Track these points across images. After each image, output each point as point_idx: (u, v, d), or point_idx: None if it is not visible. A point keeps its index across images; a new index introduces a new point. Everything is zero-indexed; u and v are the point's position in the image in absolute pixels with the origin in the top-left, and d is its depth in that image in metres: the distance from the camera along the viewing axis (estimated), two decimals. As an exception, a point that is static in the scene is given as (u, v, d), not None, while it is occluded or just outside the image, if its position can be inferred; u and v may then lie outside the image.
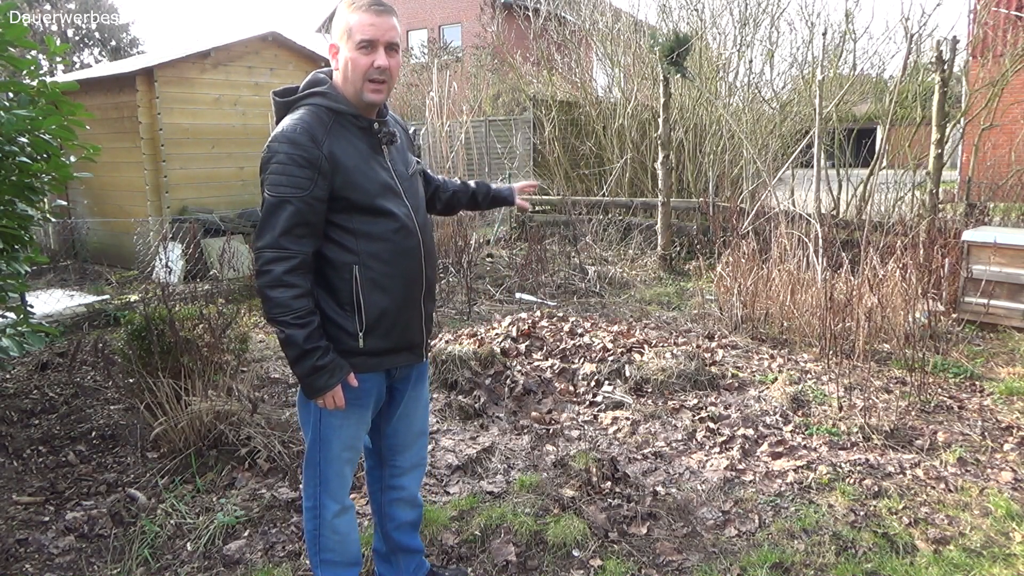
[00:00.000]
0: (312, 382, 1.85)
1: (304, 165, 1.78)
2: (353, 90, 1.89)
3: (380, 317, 1.92)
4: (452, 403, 3.91)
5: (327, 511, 2.05)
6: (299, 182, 1.78)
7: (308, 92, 1.90)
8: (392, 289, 1.93)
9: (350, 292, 1.88)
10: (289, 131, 1.80)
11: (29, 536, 2.79)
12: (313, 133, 1.81)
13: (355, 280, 1.87)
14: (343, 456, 2.03)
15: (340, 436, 2.00)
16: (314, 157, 1.79)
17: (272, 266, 1.79)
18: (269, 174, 1.80)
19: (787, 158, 8.44)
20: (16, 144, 3.07)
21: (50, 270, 7.93)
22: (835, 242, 5.60)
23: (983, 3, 8.70)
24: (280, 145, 1.79)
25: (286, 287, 1.79)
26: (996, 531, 2.74)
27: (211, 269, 7.09)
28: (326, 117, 1.86)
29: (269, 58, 8.57)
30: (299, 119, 1.83)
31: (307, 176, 1.79)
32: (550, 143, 11.42)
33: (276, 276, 1.78)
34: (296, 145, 1.78)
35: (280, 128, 1.83)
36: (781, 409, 3.87)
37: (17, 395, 4.22)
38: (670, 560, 2.61)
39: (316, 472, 2.03)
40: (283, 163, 1.78)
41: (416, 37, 25.00)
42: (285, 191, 1.78)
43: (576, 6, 12.19)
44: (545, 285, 6.96)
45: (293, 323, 1.80)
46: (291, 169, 1.78)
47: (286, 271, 1.79)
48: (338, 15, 1.89)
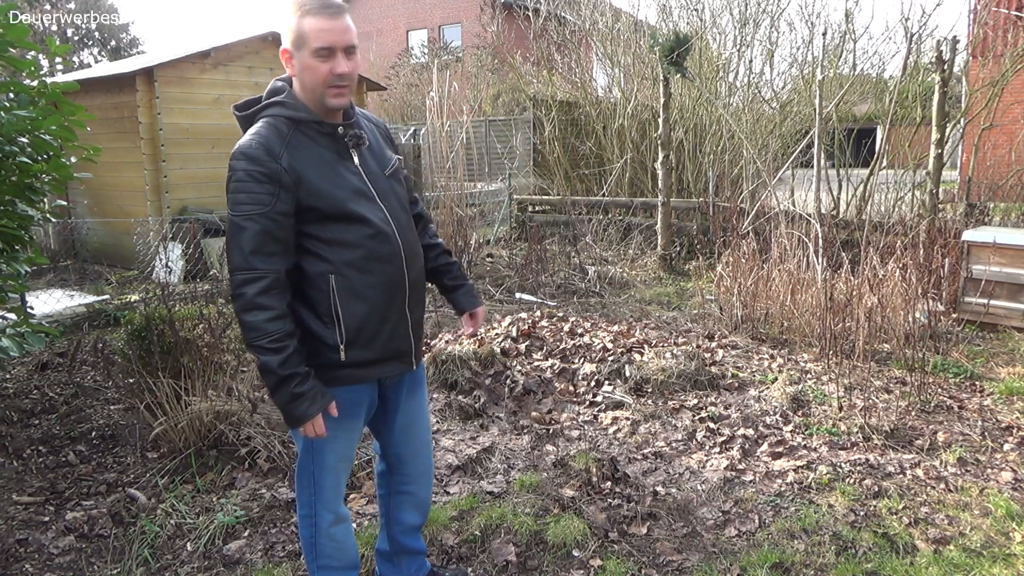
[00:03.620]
0: (291, 411, 1.77)
1: (263, 180, 1.72)
2: (314, 97, 1.82)
3: (360, 327, 1.86)
4: (452, 403, 3.91)
5: (322, 520, 2.02)
6: (260, 198, 1.72)
7: (266, 103, 1.85)
8: (371, 297, 1.86)
9: (328, 303, 1.82)
10: (245, 147, 1.75)
11: (29, 536, 2.79)
12: (269, 146, 1.75)
13: (332, 290, 1.82)
14: (338, 467, 2.01)
15: (334, 447, 1.96)
16: (272, 171, 1.73)
17: (244, 288, 1.73)
18: (231, 193, 1.75)
19: (787, 158, 8.44)
20: (16, 144, 3.07)
21: (50, 270, 7.93)
22: (835, 242, 5.60)
23: (983, 3, 8.70)
24: (237, 162, 1.74)
25: (259, 309, 1.73)
26: (996, 531, 2.74)
27: (211, 269, 7.09)
28: (285, 128, 1.80)
29: (269, 58, 8.57)
30: (255, 133, 1.78)
31: (268, 191, 1.73)
32: (550, 143, 11.42)
33: (248, 299, 1.72)
34: (253, 160, 1.73)
35: (237, 144, 1.77)
36: (781, 409, 3.87)
37: (17, 395, 4.22)
38: (670, 560, 2.61)
39: (310, 481, 1.99)
40: (242, 180, 1.73)
41: (416, 37, 25.00)
42: (247, 209, 1.72)
43: (576, 6, 12.18)
44: (545, 285, 6.96)
45: (268, 347, 1.73)
46: (250, 186, 1.72)
47: (258, 292, 1.72)
48: (286, 19, 1.78)
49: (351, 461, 2.09)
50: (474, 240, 7.58)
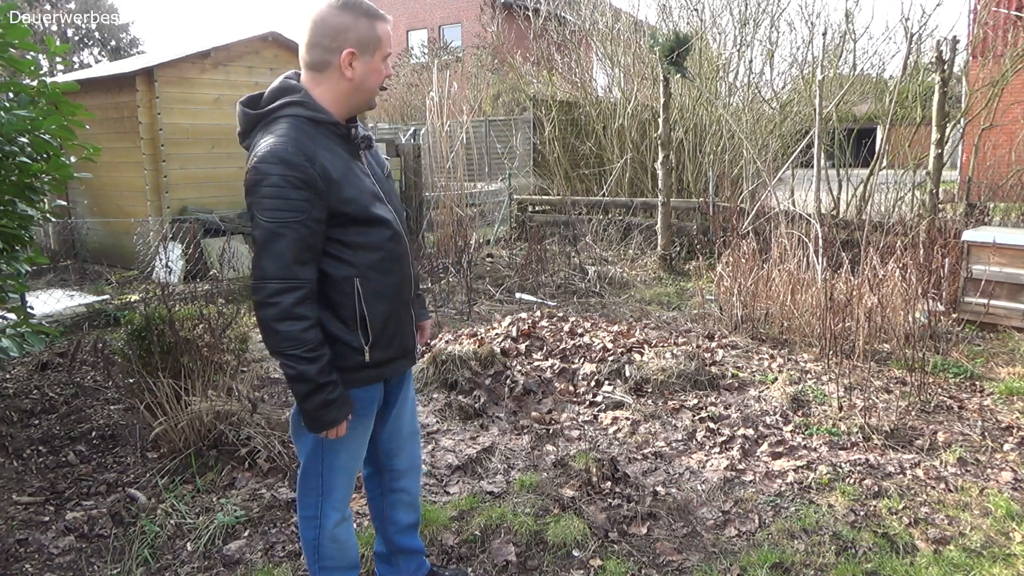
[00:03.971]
0: (322, 417, 1.80)
1: (299, 187, 1.68)
2: (357, 100, 1.85)
3: (383, 327, 1.90)
4: (452, 403, 3.91)
5: (328, 520, 2.02)
6: (298, 205, 1.69)
7: (285, 102, 1.79)
8: (391, 297, 1.91)
9: (353, 307, 1.83)
10: (279, 150, 1.68)
11: (29, 536, 2.79)
12: (304, 151, 1.71)
13: (357, 293, 1.82)
14: (350, 466, 2.02)
15: (347, 447, 1.97)
16: (310, 177, 1.70)
17: (280, 298, 1.70)
18: (262, 198, 1.68)
19: (787, 158, 8.44)
20: (16, 144, 3.07)
21: (50, 270, 7.93)
22: (835, 242, 5.60)
23: (983, 3, 8.70)
24: (271, 167, 1.67)
25: (296, 319, 1.71)
26: (996, 531, 2.74)
27: (211, 269, 7.08)
28: (310, 129, 1.77)
29: (269, 58, 8.57)
30: (286, 136, 1.71)
31: (304, 198, 1.69)
32: (550, 143, 11.41)
33: (285, 308, 1.70)
34: (290, 166, 1.68)
35: (267, 146, 1.70)
36: (781, 409, 3.87)
37: (17, 395, 4.22)
38: (670, 560, 2.61)
39: (318, 482, 1.99)
40: (278, 186, 1.67)
41: (416, 37, 25.01)
42: (284, 216, 1.68)
43: (576, 6, 12.18)
44: (545, 285, 6.96)
45: (304, 357, 1.73)
46: (287, 192, 1.68)
47: (295, 302, 1.71)
48: (356, 23, 1.79)
49: (361, 460, 2.10)
50: (474, 240, 7.58)
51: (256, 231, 1.72)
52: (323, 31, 1.78)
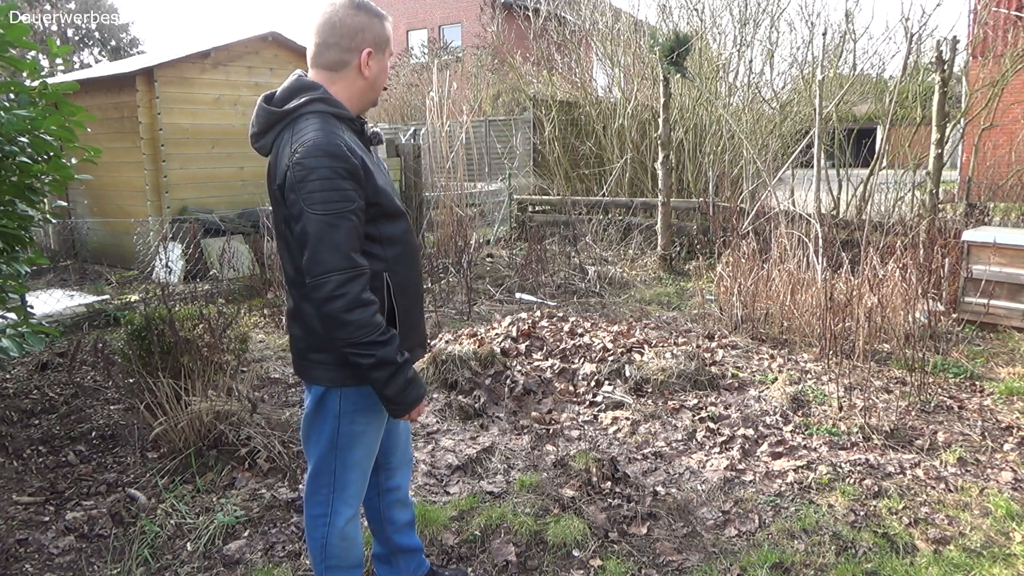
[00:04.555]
0: (407, 396, 1.82)
1: (347, 177, 1.71)
2: (369, 97, 1.91)
3: (406, 319, 1.93)
4: (452, 403, 3.91)
5: (340, 518, 2.01)
6: (349, 195, 1.71)
7: (309, 99, 1.80)
8: (412, 290, 1.96)
9: (383, 300, 1.85)
10: (323, 143, 1.70)
11: (29, 536, 2.79)
12: (346, 142, 1.74)
13: (387, 286, 1.85)
14: (364, 462, 2.02)
15: (363, 442, 1.98)
16: (354, 168, 1.73)
17: (346, 288, 1.69)
18: (311, 192, 1.68)
19: (787, 158, 8.44)
20: (16, 145, 3.07)
21: (50, 270, 7.93)
22: (835, 242, 5.60)
23: (983, 3, 8.70)
24: (318, 160, 1.69)
25: (365, 306, 1.72)
26: (996, 531, 2.74)
27: (211, 269, 7.09)
28: (336, 124, 1.79)
29: (269, 58, 8.57)
30: (323, 129, 1.73)
31: (353, 188, 1.72)
32: (550, 143, 11.42)
33: (354, 297, 1.70)
34: (336, 158, 1.70)
35: (309, 141, 1.71)
36: (781, 409, 3.87)
37: (17, 395, 4.22)
38: (670, 560, 2.61)
39: (331, 480, 1.99)
40: (328, 178, 1.69)
41: (416, 37, 25.01)
42: (338, 207, 1.69)
43: (576, 6, 12.19)
44: (545, 285, 6.96)
45: (380, 341, 1.74)
46: (338, 183, 1.70)
47: (362, 288, 1.72)
48: (369, 22, 1.83)
49: (375, 456, 2.09)
50: (474, 240, 7.58)
51: (308, 225, 1.70)
52: (341, 32, 1.81)
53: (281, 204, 1.79)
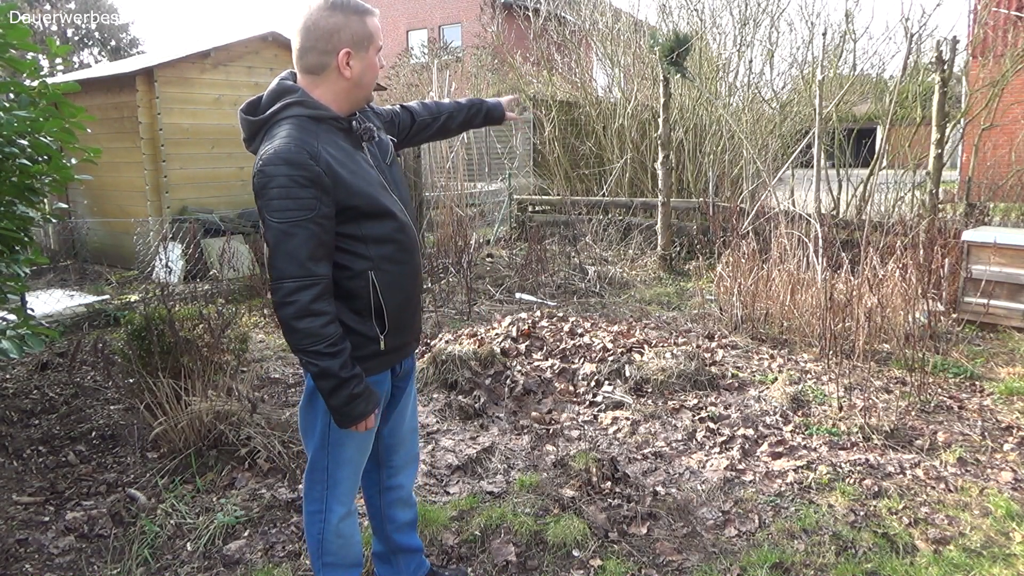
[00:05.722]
0: (349, 412, 1.82)
1: (306, 185, 1.70)
2: (362, 93, 1.89)
3: (398, 315, 1.93)
4: (452, 403, 3.91)
5: (333, 515, 2.02)
6: (306, 203, 1.71)
7: (285, 104, 1.79)
8: (405, 286, 1.95)
9: (367, 298, 1.86)
10: (283, 151, 1.70)
11: (29, 536, 2.79)
12: (309, 149, 1.72)
13: (372, 285, 1.85)
14: (356, 459, 2.02)
15: (354, 440, 1.98)
16: (315, 175, 1.71)
17: (297, 296, 1.71)
18: (271, 200, 1.70)
19: (787, 158, 8.44)
20: (16, 146, 3.06)
21: (50, 270, 7.93)
22: (835, 242, 5.60)
23: (983, 3, 8.70)
24: (277, 168, 1.69)
25: (314, 315, 1.73)
26: (996, 531, 2.74)
27: (211, 269, 7.09)
28: (312, 127, 1.78)
29: (269, 58, 8.57)
30: (288, 137, 1.73)
31: (312, 196, 1.71)
32: (550, 143, 11.41)
33: (303, 305, 1.71)
34: (295, 165, 1.69)
35: (271, 149, 1.72)
36: (781, 409, 3.87)
37: (17, 395, 4.22)
38: (670, 560, 2.61)
39: (324, 476, 2.00)
40: (285, 186, 1.69)
41: (416, 37, 24.99)
42: (294, 215, 1.70)
43: (576, 6, 12.18)
44: (545, 285, 6.96)
45: (326, 352, 1.74)
46: (295, 192, 1.70)
47: (313, 299, 1.72)
48: (346, 22, 1.80)
49: (367, 454, 2.09)
50: (474, 240, 7.58)
51: (268, 232, 1.73)
52: (316, 35, 1.79)
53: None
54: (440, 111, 2.35)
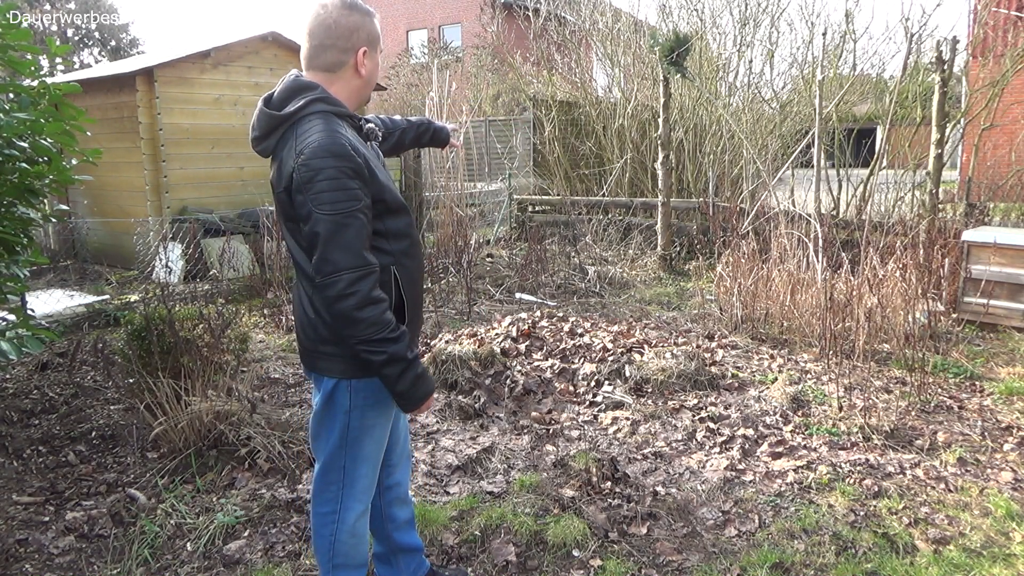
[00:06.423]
0: (416, 391, 1.85)
1: (353, 176, 1.72)
2: (364, 94, 1.94)
3: (414, 309, 1.98)
4: (452, 403, 3.91)
5: (351, 513, 2.01)
6: (356, 194, 1.73)
7: (309, 100, 1.80)
8: (417, 281, 2.00)
9: (390, 292, 1.88)
10: (328, 144, 1.71)
11: (29, 536, 2.79)
12: (350, 141, 1.76)
13: (394, 279, 1.89)
14: (375, 455, 2.02)
15: (373, 436, 1.98)
16: (358, 166, 1.74)
17: (357, 286, 1.71)
18: (320, 192, 1.70)
19: (787, 158, 8.44)
20: (16, 148, 3.06)
21: (50, 270, 7.93)
22: (835, 242, 5.60)
23: (983, 3, 8.70)
24: (323, 160, 1.70)
25: (375, 303, 1.74)
26: (996, 531, 2.74)
27: (211, 269, 7.09)
28: (338, 123, 1.80)
29: (269, 58, 8.57)
30: (327, 130, 1.75)
31: (359, 186, 1.74)
32: (550, 143, 11.41)
33: (364, 295, 1.72)
34: (341, 157, 1.71)
35: (314, 143, 1.72)
36: (781, 409, 3.87)
37: (17, 395, 4.22)
38: (670, 560, 2.61)
39: (340, 476, 1.98)
40: (334, 178, 1.70)
41: (416, 37, 25.00)
42: (347, 206, 1.71)
43: (576, 6, 12.18)
44: (545, 285, 6.96)
45: (390, 338, 1.76)
46: (345, 183, 1.71)
47: (372, 287, 1.74)
48: (362, 20, 1.85)
49: (383, 450, 2.08)
50: (474, 240, 7.58)
51: (318, 226, 1.71)
52: (337, 32, 1.83)
53: (288, 206, 1.80)
54: (396, 126, 2.37)
